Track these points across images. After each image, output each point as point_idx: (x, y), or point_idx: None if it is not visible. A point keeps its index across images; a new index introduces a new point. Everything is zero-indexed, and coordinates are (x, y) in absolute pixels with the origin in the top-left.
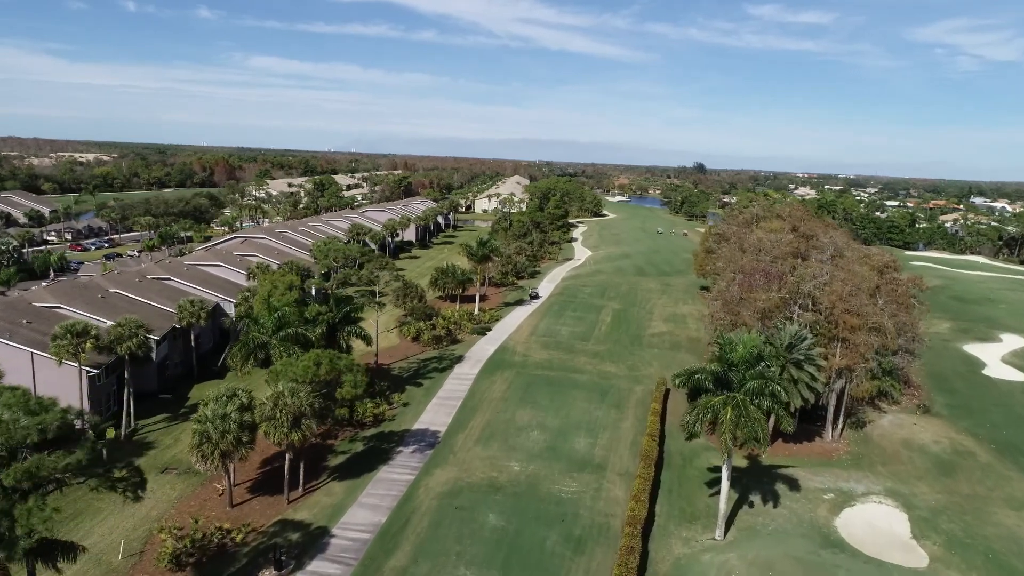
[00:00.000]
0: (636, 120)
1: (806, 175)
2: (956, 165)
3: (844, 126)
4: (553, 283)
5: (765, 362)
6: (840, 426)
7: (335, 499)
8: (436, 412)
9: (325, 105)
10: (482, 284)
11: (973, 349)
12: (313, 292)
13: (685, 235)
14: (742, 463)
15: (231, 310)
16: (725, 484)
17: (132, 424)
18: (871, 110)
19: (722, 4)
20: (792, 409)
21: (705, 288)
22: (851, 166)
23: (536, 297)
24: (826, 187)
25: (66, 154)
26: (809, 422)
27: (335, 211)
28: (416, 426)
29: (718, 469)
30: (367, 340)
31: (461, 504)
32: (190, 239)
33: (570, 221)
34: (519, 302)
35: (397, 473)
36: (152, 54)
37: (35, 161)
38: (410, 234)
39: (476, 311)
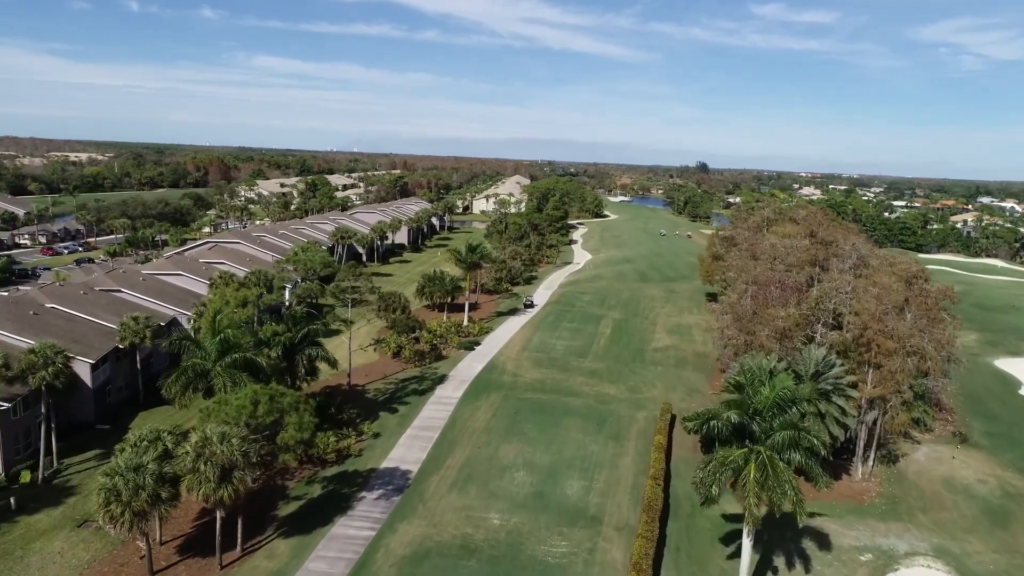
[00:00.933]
0: (638, 120)
1: (809, 175)
2: (959, 165)
3: (846, 126)
4: (550, 290)
5: (797, 407)
6: (871, 462)
7: (278, 563)
8: (410, 446)
9: (327, 105)
10: (473, 291)
11: (1005, 365)
12: (287, 302)
13: (689, 237)
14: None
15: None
16: (746, 556)
17: (54, 464)
18: (873, 110)
19: (725, 3)
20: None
21: (712, 296)
22: (854, 166)
23: (531, 306)
24: (831, 187)
25: (61, 154)
26: (834, 456)
27: (325, 212)
28: (385, 464)
29: (735, 518)
30: (331, 363)
31: (426, 573)
32: (165, 243)
33: (570, 222)
34: (513, 311)
35: (356, 527)
36: (155, 54)
37: (26, 161)
38: (402, 237)
39: (465, 322)
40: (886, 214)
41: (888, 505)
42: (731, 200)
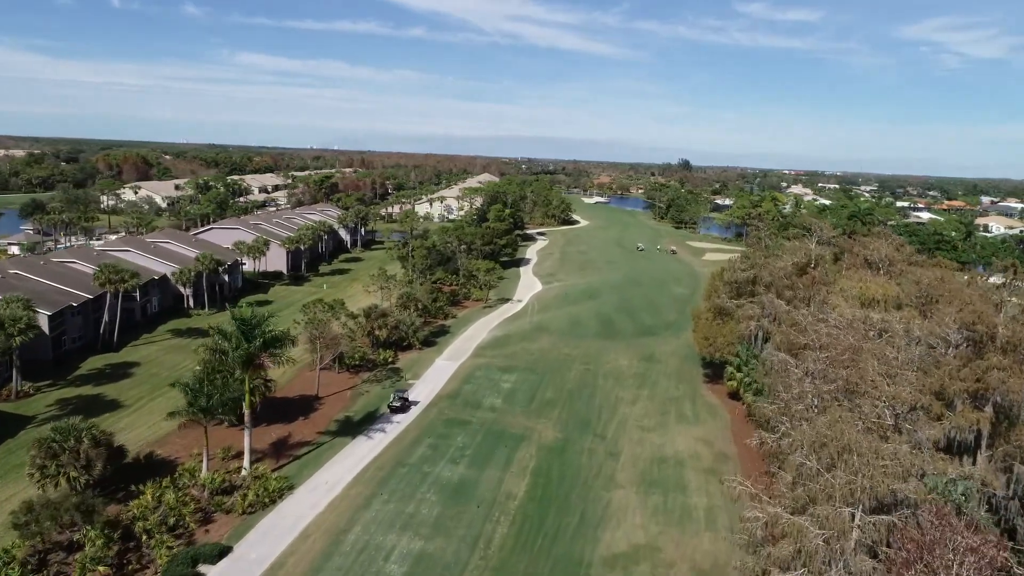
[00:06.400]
0: (626, 117)
1: (793, 172)
2: (943, 162)
3: (830, 123)
4: (456, 361)
5: None
6: None
7: None
8: None
9: (313, 102)
10: (330, 367)
11: None
12: None
13: (673, 252)
14: None
15: None
16: None
17: None
18: (857, 108)
19: (711, 1)
20: None
21: (713, 368)
22: (837, 163)
23: (402, 408)
24: (819, 185)
25: None
26: None
27: (165, 229)
28: None
29: None
30: None
31: None
32: None
33: (531, 232)
34: (369, 420)
35: None
36: (138, 51)
37: None
38: (278, 261)
39: (245, 464)
40: (898, 217)
41: None
42: (719, 201)
